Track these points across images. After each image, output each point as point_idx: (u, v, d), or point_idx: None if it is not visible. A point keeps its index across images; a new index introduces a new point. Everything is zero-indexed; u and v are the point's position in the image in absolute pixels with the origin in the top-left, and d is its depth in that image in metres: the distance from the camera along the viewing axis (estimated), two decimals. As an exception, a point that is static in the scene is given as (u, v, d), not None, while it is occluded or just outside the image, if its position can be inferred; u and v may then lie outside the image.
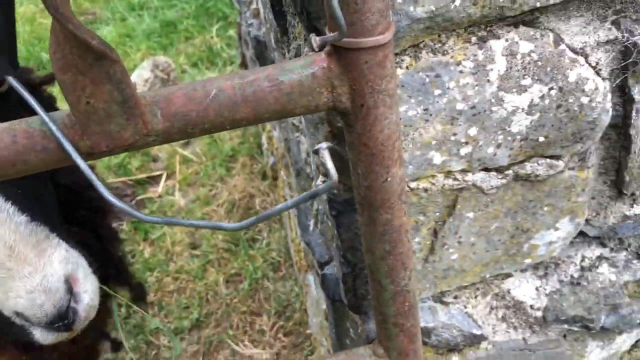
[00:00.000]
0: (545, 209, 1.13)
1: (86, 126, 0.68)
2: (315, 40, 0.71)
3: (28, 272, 1.06)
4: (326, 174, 0.67)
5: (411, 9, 0.84)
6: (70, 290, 1.12)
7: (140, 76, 3.63)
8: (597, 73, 0.99)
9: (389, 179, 0.85)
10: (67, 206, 1.40)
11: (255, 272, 2.97)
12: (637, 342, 1.50)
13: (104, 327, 1.67)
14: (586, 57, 0.97)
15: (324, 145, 0.67)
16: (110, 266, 1.58)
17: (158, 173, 3.57)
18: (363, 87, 0.74)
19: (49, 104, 1.44)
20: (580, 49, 0.97)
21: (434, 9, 0.85)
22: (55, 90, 1.65)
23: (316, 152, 0.67)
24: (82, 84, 0.64)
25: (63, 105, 1.83)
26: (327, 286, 1.35)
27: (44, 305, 1.07)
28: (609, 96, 1.00)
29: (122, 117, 0.67)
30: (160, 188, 3.50)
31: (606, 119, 1.02)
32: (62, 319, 1.10)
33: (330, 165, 0.66)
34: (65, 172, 1.41)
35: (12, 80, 0.78)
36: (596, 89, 0.98)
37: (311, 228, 1.53)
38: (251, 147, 3.52)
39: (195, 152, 3.66)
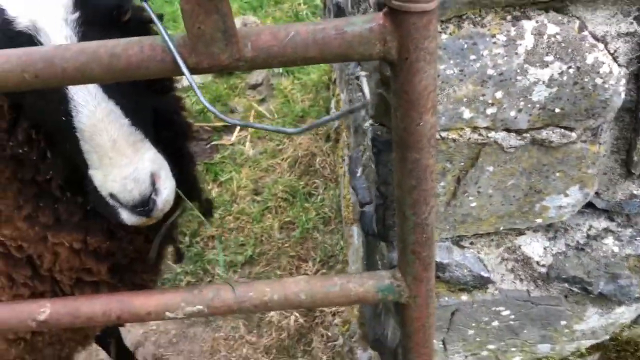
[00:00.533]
0: (557, 174, 1.31)
1: (195, 46, 0.92)
2: (376, 0, 0.93)
3: (124, 163, 1.34)
4: (363, 96, 0.88)
5: (457, -15, 1.05)
6: (153, 184, 1.39)
7: (229, 32, 3.92)
8: (615, 59, 1.16)
9: (421, 124, 1.06)
10: (155, 127, 1.68)
11: (307, 222, 3.24)
12: (637, 317, 1.65)
13: (172, 232, 1.94)
14: (606, 44, 1.15)
15: (363, 73, 0.88)
16: (186, 182, 1.86)
17: (233, 123, 3.88)
18: (408, 43, 0.94)
19: None
20: (602, 36, 1.14)
21: (476, -13, 1.05)
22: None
23: (357, 77, 0.89)
24: (197, 13, 0.89)
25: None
26: (364, 222, 1.58)
27: (132, 191, 1.35)
28: (623, 81, 1.17)
29: (222, 43, 0.92)
30: (233, 137, 3.81)
31: (618, 101, 1.19)
32: (144, 205, 1.37)
33: (366, 88, 0.88)
34: (158, 99, 1.69)
35: (146, 5, 1.04)
36: (610, 72, 1.15)
37: (358, 174, 1.76)
38: (320, 110, 3.76)
39: (269, 109, 3.94)
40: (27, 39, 1.26)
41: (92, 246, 1.65)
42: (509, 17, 1.12)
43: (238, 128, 3.85)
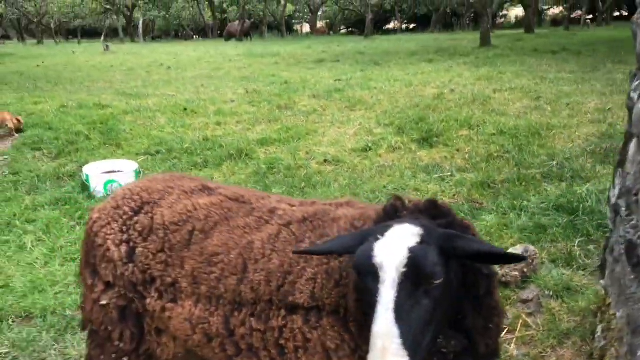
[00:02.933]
0: None
1: None
2: None
3: None
4: None
5: None
6: None
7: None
8: None
9: None
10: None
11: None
12: None
13: None
14: None
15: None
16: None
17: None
18: None
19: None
20: None
21: None
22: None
23: None
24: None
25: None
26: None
27: None
28: None
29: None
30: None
31: None
32: None
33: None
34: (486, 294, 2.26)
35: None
36: None
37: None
38: (585, 332, 4.24)
39: (535, 321, 4.53)
40: (374, 270, 1.99)
41: None
42: None
43: (505, 330, 4.48)
